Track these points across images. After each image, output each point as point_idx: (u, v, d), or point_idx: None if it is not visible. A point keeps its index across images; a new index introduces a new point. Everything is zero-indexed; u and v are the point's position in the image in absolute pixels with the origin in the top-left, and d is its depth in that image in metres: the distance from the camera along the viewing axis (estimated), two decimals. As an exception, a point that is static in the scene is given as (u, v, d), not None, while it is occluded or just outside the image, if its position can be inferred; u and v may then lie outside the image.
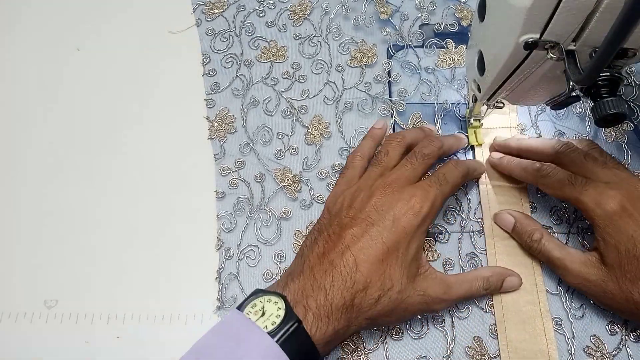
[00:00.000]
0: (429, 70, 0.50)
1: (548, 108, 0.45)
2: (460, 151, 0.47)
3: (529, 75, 0.36)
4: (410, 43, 0.51)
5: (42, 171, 0.47)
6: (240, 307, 0.35)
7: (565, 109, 0.48)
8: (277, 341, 0.32)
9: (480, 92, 0.41)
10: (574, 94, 0.34)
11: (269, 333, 0.33)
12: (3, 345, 0.41)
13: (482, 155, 0.46)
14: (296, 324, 0.33)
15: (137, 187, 0.46)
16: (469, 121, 0.47)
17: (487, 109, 0.44)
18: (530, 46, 0.31)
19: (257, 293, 0.36)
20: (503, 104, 0.43)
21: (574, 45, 0.31)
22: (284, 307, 0.34)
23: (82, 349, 0.40)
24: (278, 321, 0.33)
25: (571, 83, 0.32)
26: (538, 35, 0.31)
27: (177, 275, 0.43)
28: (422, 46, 0.51)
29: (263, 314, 0.34)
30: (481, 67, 0.38)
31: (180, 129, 0.49)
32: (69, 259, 0.44)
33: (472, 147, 0.47)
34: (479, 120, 0.46)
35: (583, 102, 0.48)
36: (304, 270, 0.36)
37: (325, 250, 0.37)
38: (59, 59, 0.52)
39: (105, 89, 0.51)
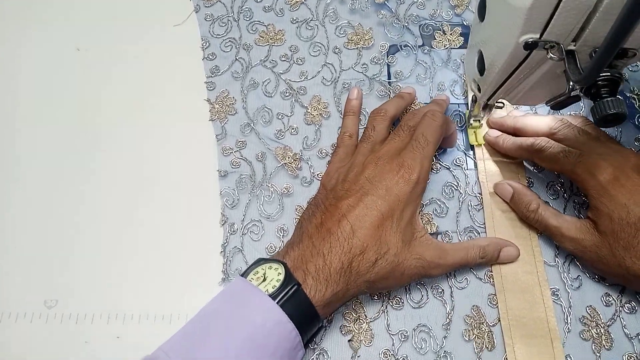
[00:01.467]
0: (425, 51, 0.51)
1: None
2: (459, 150, 0.47)
3: (529, 75, 0.36)
4: (406, 24, 0.52)
5: (42, 170, 0.47)
6: (243, 275, 0.36)
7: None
8: (277, 302, 0.33)
9: (480, 92, 0.41)
10: (574, 94, 0.34)
11: (269, 296, 0.34)
12: (3, 345, 0.40)
13: (482, 155, 0.47)
14: (296, 287, 0.34)
15: (139, 174, 0.47)
16: (469, 122, 0.47)
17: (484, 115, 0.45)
18: (530, 46, 0.32)
19: (259, 262, 0.37)
20: (503, 104, 0.44)
21: (574, 45, 0.32)
22: (284, 272, 0.35)
23: (82, 349, 0.40)
24: (278, 285, 0.34)
25: (571, 83, 0.33)
26: (538, 35, 0.31)
27: (177, 274, 0.43)
28: (418, 28, 0.52)
29: (264, 280, 0.35)
30: (481, 67, 0.39)
31: (182, 111, 0.49)
32: (69, 259, 0.44)
33: (472, 147, 0.47)
34: (479, 120, 0.47)
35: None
36: (303, 240, 0.37)
37: (322, 220, 0.38)
38: (60, 56, 0.52)
39: (109, 73, 0.51)
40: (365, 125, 0.46)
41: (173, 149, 0.48)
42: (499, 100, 0.42)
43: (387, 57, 0.51)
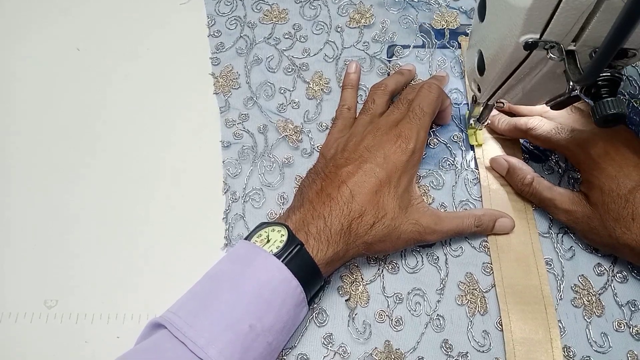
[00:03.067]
0: (426, 26, 0.52)
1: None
2: (457, 126, 0.48)
3: (529, 75, 0.36)
4: None
5: (42, 170, 0.47)
6: (247, 239, 0.37)
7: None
8: (282, 261, 0.35)
9: (480, 92, 0.42)
10: (574, 94, 0.34)
11: (274, 255, 0.35)
12: (3, 345, 0.41)
13: (483, 154, 0.47)
14: (299, 247, 0.36)
15: (141, 163, 0.47)
16: (469, 122, 0.48)
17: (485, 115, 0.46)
18: (530, 46, 0.32)
19: (262, 225, 0.38)
20: (503, 103, 0.44)
21: (574, 45, 0.32)
22: (287, 233, 0.36)
23: (82, 349, 0.40)
24: (282, 245, 0.36)
25: (571, 83, 0.33)
26: (538, 35, 0.31)
27: (178, 275, 0.42)
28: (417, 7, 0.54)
29: (268, 241, 0.36)
30: (481, 67, 0.39)
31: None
32: (69, 259, 0.44)
33: (472, 147, 0.48)
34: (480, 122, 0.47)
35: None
36: (304, 204, 0.39)
37: (322, 186, 0.39)
38: (60, 56, 0.53)
39: (110, 65, 0.52)
40: (365, 99, 0.47)
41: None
42: (499, 100, 0.42)
43: (387, 35, 0.52)
